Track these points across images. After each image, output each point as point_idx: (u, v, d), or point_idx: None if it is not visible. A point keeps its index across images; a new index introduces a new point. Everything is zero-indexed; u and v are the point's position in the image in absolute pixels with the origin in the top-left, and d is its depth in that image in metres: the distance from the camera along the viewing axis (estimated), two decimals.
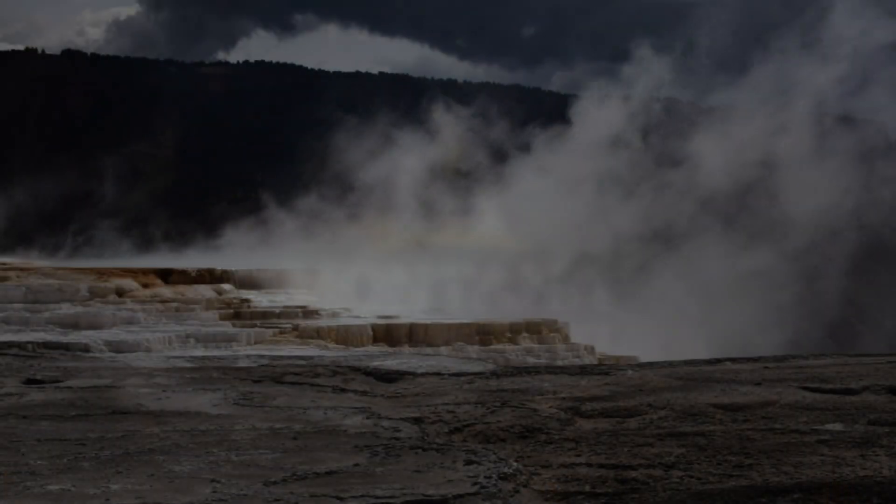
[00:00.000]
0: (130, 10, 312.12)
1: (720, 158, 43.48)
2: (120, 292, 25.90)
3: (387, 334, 24.92)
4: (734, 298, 46.96)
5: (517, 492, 5.18)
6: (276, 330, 24.38)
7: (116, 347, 19.75)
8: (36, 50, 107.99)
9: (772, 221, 48.07)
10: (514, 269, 40.79)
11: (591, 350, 26.68)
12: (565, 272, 42.27)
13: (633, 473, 5.44)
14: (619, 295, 44.84)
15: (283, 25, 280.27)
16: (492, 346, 25.22)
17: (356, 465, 5.82)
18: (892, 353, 11.79)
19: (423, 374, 10.20)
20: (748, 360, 10.94)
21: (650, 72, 47.50)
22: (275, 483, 5.37)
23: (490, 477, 5.43)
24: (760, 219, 49.22)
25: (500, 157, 48.75)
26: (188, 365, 11.68)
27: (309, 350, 20.49)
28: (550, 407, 7.79)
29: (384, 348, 23.16)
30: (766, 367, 9.80)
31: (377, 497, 5.03)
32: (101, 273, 27.20)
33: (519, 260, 41.47)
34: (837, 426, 6.63)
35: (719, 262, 46.19)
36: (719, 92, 50.95)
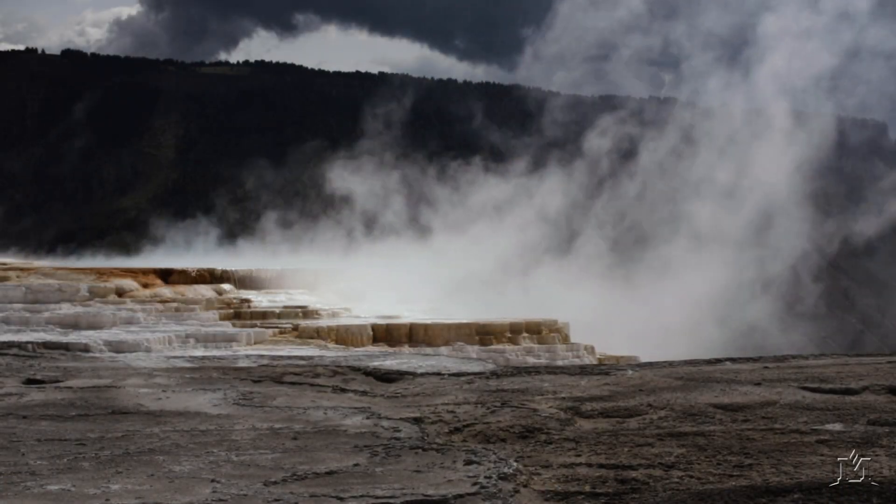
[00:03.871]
0: (132, 10, 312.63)
1: None
2: (120, 292, 25.88)
3: (387, 334, 24.88)
4: None
5: (517, 492, 5.18)
6: (276, 330, 24.35)
7: (116, 347, 19.72)
8: (36, 50, 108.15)
9: None
10: None
11: (591, 350, 26.64)
12: None
13: (633, 473, 5.44)
14: None
15: (284, 26, 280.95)
16: (492, 346, 25.18)
17: (356, 465, 5.82)
18: (892, 353, 11.79)
19: (422, 374, 10.20)
20: (748, 360, 10.95)
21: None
22: (275, 483, 5.37)
23: (490, 477, 5.43)
24: None
25: None
26: (188, 365, 11.68)
27: (309, 350, 20.44)
28: (550, 407, 7.79)
29: (384, 348, 23.12)
30: (766, 367, 9.81)
31: (377, 497, 5.03)
32: (101, 273, 27.18)
33: None
34: (837, 426, 6.63)
35: None
36: None
